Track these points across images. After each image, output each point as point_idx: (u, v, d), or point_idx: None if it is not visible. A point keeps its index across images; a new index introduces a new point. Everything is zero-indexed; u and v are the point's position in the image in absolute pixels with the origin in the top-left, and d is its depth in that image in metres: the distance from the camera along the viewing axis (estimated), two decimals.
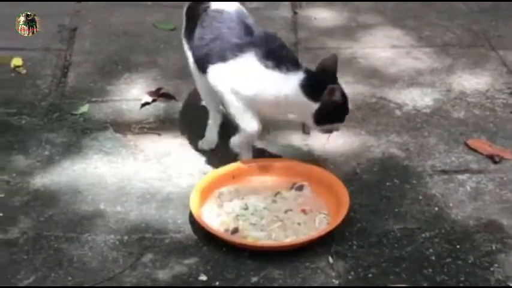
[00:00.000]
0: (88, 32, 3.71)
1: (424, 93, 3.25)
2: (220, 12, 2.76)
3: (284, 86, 2.63)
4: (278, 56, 2.65)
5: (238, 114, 2.69)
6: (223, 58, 2.68)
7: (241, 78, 2.66)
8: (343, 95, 2.64)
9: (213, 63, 2.70)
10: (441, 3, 3.97)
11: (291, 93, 2.63)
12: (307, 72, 2.65)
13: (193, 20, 2.82)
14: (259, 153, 2.85)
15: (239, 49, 2.66)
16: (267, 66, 2.63)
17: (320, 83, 2.61)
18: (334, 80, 2.65)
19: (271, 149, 2.89)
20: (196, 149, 2.91)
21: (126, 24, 3.77)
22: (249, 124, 2.70)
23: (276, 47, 2.68)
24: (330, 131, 2.75)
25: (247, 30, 2.71)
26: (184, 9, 2.91)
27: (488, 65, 3.46)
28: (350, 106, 2.72)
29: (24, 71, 3.38)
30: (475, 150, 2.91)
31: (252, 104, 2.68)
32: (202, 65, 2.75)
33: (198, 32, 2.77)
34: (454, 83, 3.32)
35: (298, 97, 2.63)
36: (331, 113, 2.65)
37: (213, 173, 2.74)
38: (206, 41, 2.74)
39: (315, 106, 2.62)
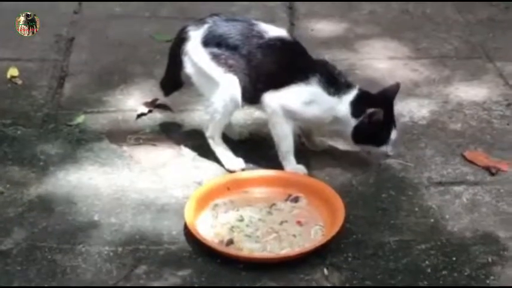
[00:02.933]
0: (85, 43, 3.71)
1: (420, 104, 3.24)
2: (275, 39, 2.81)
3: (338, 107, 2.76)
4: (338, 82, 2.78)
5: (283, 136, 2.79)
6: (285, 84, 2.76)
7: (302, 102, 2.76)
8: (386, 123, 2.76)
9: (272, 88, 2.77)
10: (438, 15, 3.97)
11: (343, 112, 2.76)
12: (361, 91, 2.79)
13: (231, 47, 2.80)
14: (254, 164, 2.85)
15: (302, 76, 2.75)
16: (329, 93, 2.75)
17: (368, 103, 2.73)
18: (389, 105, 2.79)
19: (267, 161, 2.87)
20: (192, 160, 2.90)
21: (122, 35, 3.77)
22: (287, 148, 2.81)
23: (336, 74, 2.80)
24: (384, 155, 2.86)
25: (305, 57, 2.82)
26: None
27: (485, 76, 3.46)
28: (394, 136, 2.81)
29: (20, 82, 3.37)
30: (471, 162, 2.90)
31: (304, 125, 2.87)
32: (259, 90, 2.78)
33: (248, 58, 2.78)
34: (451, 95, 3.32)
35: (347, 114, 2.76)
36: (368, 134, 2.77)
37: (208, 184, 2.73)
38: (261, 67, 2.78)
39: (353, 122, 2.75)
